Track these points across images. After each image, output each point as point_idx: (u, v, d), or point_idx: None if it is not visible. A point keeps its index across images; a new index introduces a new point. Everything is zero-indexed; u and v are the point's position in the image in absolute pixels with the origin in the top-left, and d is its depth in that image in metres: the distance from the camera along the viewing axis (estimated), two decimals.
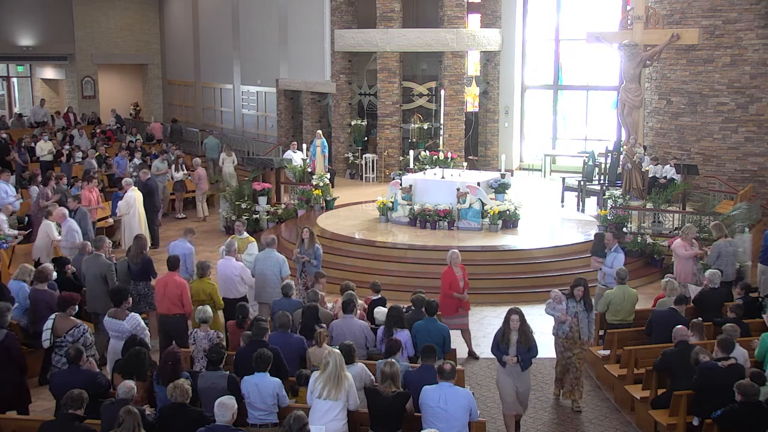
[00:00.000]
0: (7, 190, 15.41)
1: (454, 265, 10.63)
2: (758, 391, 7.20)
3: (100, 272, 10.45)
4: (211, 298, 9.97)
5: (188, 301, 9.75)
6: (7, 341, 8.16)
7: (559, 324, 9.50)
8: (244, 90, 28.21)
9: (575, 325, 9.36)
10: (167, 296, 9.79)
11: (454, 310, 10.59)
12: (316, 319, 8.96)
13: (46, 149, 20.73)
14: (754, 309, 10.26)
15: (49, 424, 6.75)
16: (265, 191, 17.48)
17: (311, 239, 11.79)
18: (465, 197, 15.43)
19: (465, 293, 10.74)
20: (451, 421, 6.88)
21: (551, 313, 9.60)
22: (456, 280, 10.58)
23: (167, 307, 9.78)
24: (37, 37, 29.42)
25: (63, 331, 8.44)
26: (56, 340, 8.40)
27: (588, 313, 9.41)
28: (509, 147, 22.56)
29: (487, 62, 22.93)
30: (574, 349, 9.40)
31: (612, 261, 11.12)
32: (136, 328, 8.68)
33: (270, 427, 7.23)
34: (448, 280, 10.56)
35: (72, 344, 8.14)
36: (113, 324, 8.74)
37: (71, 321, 8.56)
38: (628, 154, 16.03)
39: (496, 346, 8.39)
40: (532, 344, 8.30)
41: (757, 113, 17.69)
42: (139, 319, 8.93)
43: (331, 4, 22.97)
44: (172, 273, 9.99)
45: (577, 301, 9.37)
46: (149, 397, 7.66)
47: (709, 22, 17.93)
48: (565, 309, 9.41)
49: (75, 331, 8.44)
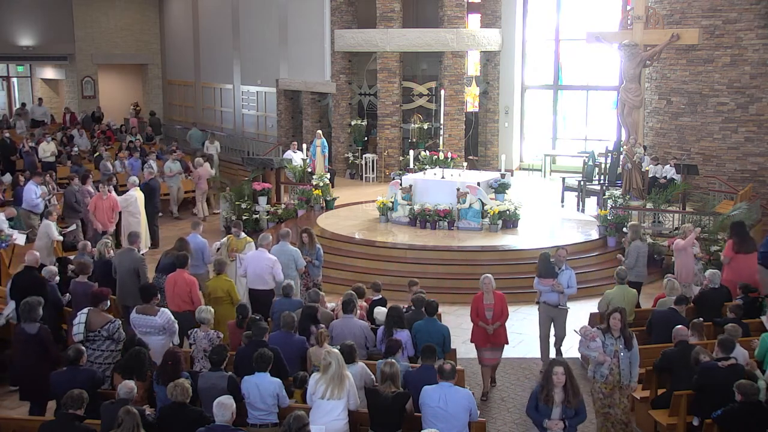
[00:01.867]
0: (37, 191, 15.44)
1: (486, 291, 9.55)
2: (758, 391, 7.21)
3: (132, 266, 10.63)
4: (229, 294, 10.08)
5: (197, 298, 9.80)
6: (40, 334, 8.32)
7: (596, 366, 8.01)
8: (244, 90, 28.21)
9: (616, 367, 7.91)
10: (177, 293, 9.89)
11: (482, 341, 9.64)
12: (313, 319, 8.97)
13: (48, 151, 20.77)
14: (753, 309, 10.27)
15: (49, 424, 6.76)
16: (265, 191, 17.48)
17: (311, 240, 11.80)
18: (465, 197, 15.44)
19: (493, 325, 9.46)
20: (451, 421, 6.89)
21: (586, 352, 8.19)
22: (482, 308, 9.53)
23: (177, 304, 9.85)
24: (37, 37, 29.42)
25: (98, 326, 8.50)
26: (89, 335, 8.48)
27: (629, 349, 7.97)
28: (509, 147, 22.56)
29: (487, 62, 22.92)
30: (615, 395, 7.94)
31: (568, 280, 10.16)
32: (167, 323, 8.76)
33: (270, 427, 7.24)
34: (475, 307, 9.62)
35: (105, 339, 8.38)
36: (142, 320, 8.74)
37: (105, 316, 8.63)
38: (628, 154, 16.03)
39: (534, 407, 7.01)
40: (581, 406, 6.98)
41: (757, 113, 17.68)
42: (170, 314, 8.97)
43: (331, 4, 22.97)
44: (181, 270, 10.04)
45: (615, 336, 7.96)
46: (149, 397, 7.66)
47: (709, 22, 17.93)
48: (601, 347, 7.96)
49: (110, 326, 8.50)
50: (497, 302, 9.52)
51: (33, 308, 8.38)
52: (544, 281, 10.19)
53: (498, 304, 9.50)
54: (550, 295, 10.18)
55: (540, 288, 10.27)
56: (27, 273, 10.07)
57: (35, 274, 10.04)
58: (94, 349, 8.43)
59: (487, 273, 9.83)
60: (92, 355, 8.39)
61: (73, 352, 7.60)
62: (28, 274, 10.05)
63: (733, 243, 11.47)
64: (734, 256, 11.41)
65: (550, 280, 10.13)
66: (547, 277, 10.17)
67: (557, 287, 10.02)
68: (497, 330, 9.49)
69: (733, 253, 11.43)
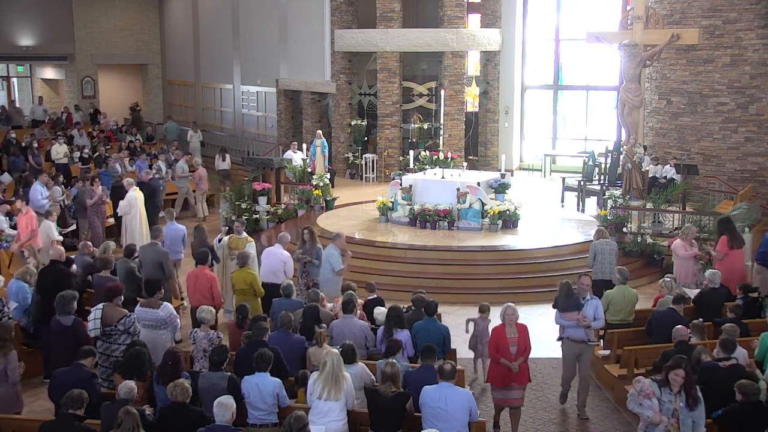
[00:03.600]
0: (43, 192, 15.53)
1: (509, 324, 8.42)
2: (758, 391, 7.21)
3: (156, 259, 11.04)
4: (251, 286, 10.40)
5: (218, 294, 10.24)
6: (74, 326, 8.53)
7: (648, 426, 7.09)
8: (244, 90, 28.21)
9: (674, 429, 6.93)
10: (198, 289, 10.25)
11: (502, 381, 8.42)
12: (316, 319, 8.98)
13: (61, 152, 20.81)
14: (753, 309, 10.27)
15: (49, 424, 6.76)
16: (265, 191, 17.48)
17: (312, 239, 11.78)
18: (465, 197, 15.44)
19: (517, 361, 8.32)
20: (451, 421, 6.89)
21: (638, 410, 7.15)
22: (505, 343, 8.35)
23: (198, 299, 10.16)
24: (37, 37, 29.41)
25: (113, 320, 8.61)
26: (105, 329, 8.60)
27: (693, 409, 6.97)
28: (509, 147, 22.56)
29: (487, 62, 22.93)
30: None
31: (594, 311, 9.11)
32: (170, 317, 8.91)
33: (270, 427, 7.24)
34: (495, 342, 8.44)
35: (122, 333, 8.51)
36: (146, 313, 8.90)
37: (120, 310, 8.73)
38: (628, 154, 16.04)
39: None
40: None
41: (757, 113, 17.69)
42: (172, 308, 9.13)
43: (331, 4, 22.97)
44: (201, 267, 10.41)
45: (674, 392, 7.00)
46: (149, 397, 7.66)
47: (709, 22, 17.94)
48: (657, 405, 7.00)
49: (126, 320, 8.63)
50: (521, 335, 8.38)
51: (68, 301, 8.59)
52: (568, 315, 9.03)
53: (522, 337, 8.38)
54: (575, 330, 9.03)
55: (562, 323, 9.13)
56: (53, 267, 10.26)
57: (61, 268, 10.26)
58: (111, 343, 8.59)
59: (509, 303, 8.63)
60: (108, 349, 8.57)
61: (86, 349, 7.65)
62: (53, 267, 10.24)
63: (727, 239, 11.53)
64: (728, 252, 11.49)
65: (573, 313, 8.99)
66: (570, 311, 9.02)
67: (584, 322, 8.92)
68: (520, 366, 8.36)
69: (727, 248, 11.51)
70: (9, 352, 7.85)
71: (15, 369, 7.91)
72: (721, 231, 11.87)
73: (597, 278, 11.34)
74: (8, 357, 7.83)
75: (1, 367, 7.78)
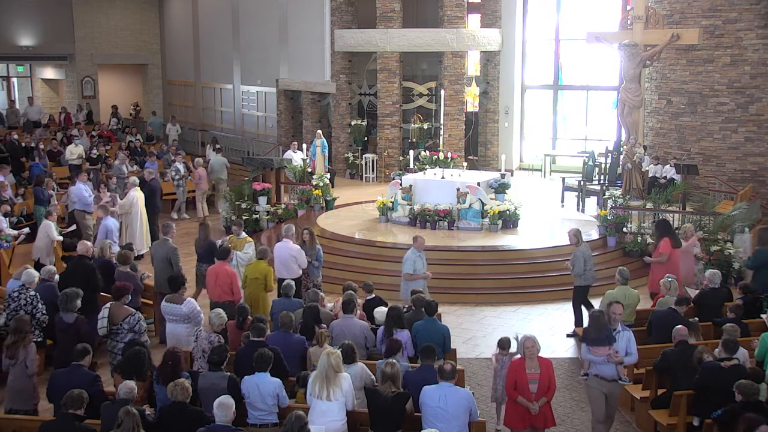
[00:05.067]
0: (87, 190, 15.55)
1: (529, 357, 7.50)
2: (758, 391, 7.20)
3: (165, 255, 11.21)
4: (265, 278, 10.59)
5: (238, 289, 10.43)
6: (77, 324, 8.70)
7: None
8: (244, 90, 28.22)
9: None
10: (219, 284, 10.41)
11: (521, 422, 7.55)
12: (316, 319, 8.98)
13: (76, 153, 20.79)
14: (753, 309, 10.27)
15: (49, 424, 6.76)
16: (265, 191, 17.48)
17: (312, 240, 11.79)
18: (465, 197, 15.43)
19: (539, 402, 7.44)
20: (451, 421, 6.88)
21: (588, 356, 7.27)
22: (523, 379, 7.46)
23: (218, 294, 10.37)
24: (37, 37, 29.41)
25: (119, 319, 8.77)
26: (113, 327, 8.76)
27: None
28: (509, 147, 22.56)
29: (487, 62, 22.93)
30: None
31: (626, 344, 8.14)
32: (192, 312, 9.18)
33: (270, 427, 7.24)
34: (513, 377, 7.53)
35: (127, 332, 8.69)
36: (170, 308, 9.19)
37: (126, 309, 8.89)
38: (628, 154, 16.04)
39: None
40: None
41: (757, 113, 17.69)
42: (195, 304, 9.39)
43: (331, 4, 22.97)
44: (222, 263, 10.59)
45: None
46: (149, 397, 7.66)
47: (709, 22, 17.93)
48: None
49: (131, 319, 8.79)
50: (544, 371, 7.48)
51: (71, 299, 8.74)
52: (598, 350, 7.93)
53: (545, 373, 7.47)
54: (605, 366, 7.96)
55: (591, 358, 8.01)
56: (79, 262, 10.54)
57: (86, 263, 10.51)
58: (118, 341, 8.75)
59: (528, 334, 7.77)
60: (116, 347, 8.73)
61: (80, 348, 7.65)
62: (80, 263, 10.51)
63: (670, 240, 11.57)
64: (672, 252, 11.52)
65: (604, 348, 7.92)
66: (601, 345, 7.94)
67: (616, 357, 7.89)
68: (542, 408, 7.48)
69: (671, 249, 11.53)
70: (28, 344, 8.14)
71: (33, 361, 8.17)
72: (661, 233, 11.82)
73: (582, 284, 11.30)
74: (27, 349, 8.11)
75: (21, 359, 8.02)
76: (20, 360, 8.02)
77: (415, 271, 11.00)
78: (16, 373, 8.06)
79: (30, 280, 9.56)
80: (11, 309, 9.37)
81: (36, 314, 9.39)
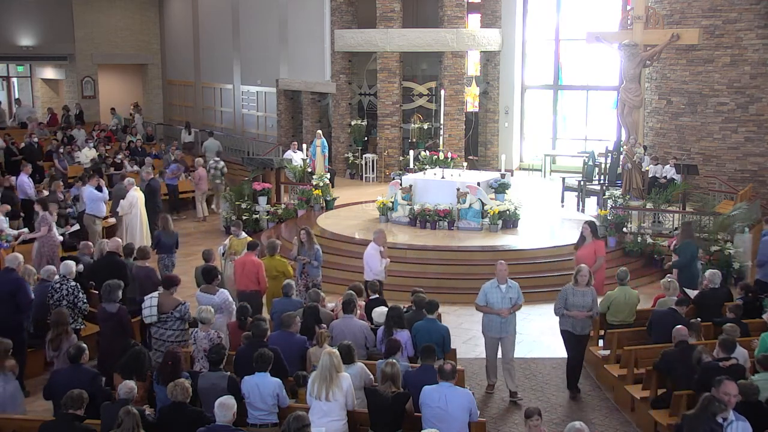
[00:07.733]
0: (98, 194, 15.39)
1: None
2: (758, 391, 7.21)
3: None
4: (284, 274, 10.85)
5: (263, 279, 10.75)
6: (119, 314, 9.11)
7: None
8: (244, 90, 28.22)
9: None
10: (245, 274, 10.72)
11: None
12: (316, 319, 8.97)
13: (89, 156, 20.81)
14: (753, 309, 10.27)
15: (49, 424, 6.76)
16: (265, 191, 17.49)
17: (309, 240, 11.74)
18: (465, 197, 15.44)
19: None
20: (451, 422, 6.89)
21: None
22: None
23: (245, 284, 10.72)
24: (37, 37, 29.39)
25: (169, 308, 9.05)
26: (161, 316, 9.04)
27: None
28: (509, 147, 22.56)
29: (487, 62, 22.93)
30: None
31: None
32: (225, 302, 9.58)
33: (270, 427, 7.24)
34: None
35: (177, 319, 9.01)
36: (204, 298, 9.54)
37: (175, 299, 9.17)
38: (628, 154, 16.04)
39: None
40: None
41: (757, 113, 17.69)
42: (228, 294, 9.82)
43: (331, 4, 22.97)
44: (249, 253, 10.91)
45: None
46: (149, 397, 7.66)
47: (709, 22, 17.93)
48: None
49: (182, 308, 9.08)
50: None
51: (113, 290, 9.17)
52: None
53: None
54: None
55: None
56: (109, 258, 11.04)
57: (116, 259, 11.00)
58: (166, 329, 9.05)
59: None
60: (164, 335, 9.05)
61: (74, 350, 7.66)
62: (110, 258, 11.01)
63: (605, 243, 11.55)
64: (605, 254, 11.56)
65: None
66: None
67: None
68: None
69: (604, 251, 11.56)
70: (70, 336, 8.76)
71: None
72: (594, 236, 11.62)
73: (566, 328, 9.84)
74: (69, 339, 8.67)
75: (64, 349, 8.37)
76: (64, 350, 8.36)
77: None
78: (62, 362, 8.42)
79: (68, 271, 10.02)
80: (54, 299, 9.77)
81: (78, 303, 9.86)
